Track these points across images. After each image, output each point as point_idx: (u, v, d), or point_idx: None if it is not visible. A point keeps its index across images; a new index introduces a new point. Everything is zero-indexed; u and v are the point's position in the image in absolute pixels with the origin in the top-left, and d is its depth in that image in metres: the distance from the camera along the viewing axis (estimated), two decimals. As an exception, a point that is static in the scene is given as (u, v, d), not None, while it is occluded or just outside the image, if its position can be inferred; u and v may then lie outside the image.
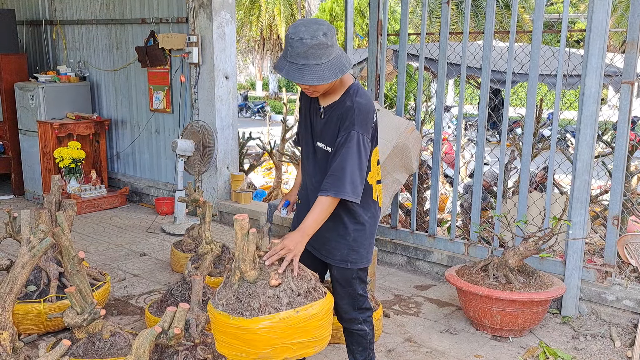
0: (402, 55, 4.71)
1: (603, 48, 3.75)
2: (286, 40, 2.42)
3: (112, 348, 3.01)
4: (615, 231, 3.92)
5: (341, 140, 2.48)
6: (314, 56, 2.36)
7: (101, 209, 6.80)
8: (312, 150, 2.69)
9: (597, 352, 3.58)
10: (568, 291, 3.95)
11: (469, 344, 3.69)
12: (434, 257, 4.75)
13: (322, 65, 2.38)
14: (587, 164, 3.87)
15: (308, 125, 2.71)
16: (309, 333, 2.37)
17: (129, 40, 6.90)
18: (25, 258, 2.70)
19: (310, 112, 2.70)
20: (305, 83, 2.39)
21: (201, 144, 5.85)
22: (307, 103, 2.73)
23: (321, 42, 2.35)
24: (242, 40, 23.94)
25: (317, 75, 2.38)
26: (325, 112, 2.59)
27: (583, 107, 3.83)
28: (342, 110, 2.52)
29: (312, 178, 2.71)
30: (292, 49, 2.37)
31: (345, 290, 2.75)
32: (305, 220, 2.49)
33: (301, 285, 2.41)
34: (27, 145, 7.09)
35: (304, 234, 2.48)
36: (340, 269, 2.71)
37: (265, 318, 2.29)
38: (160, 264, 5.06)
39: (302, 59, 2.36)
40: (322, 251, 2.73)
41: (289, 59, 2.40)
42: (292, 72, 2.39)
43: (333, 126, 2.55)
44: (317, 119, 2.65)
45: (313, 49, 2.34)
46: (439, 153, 4.65)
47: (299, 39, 2.34)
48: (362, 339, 2.87)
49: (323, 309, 2.41)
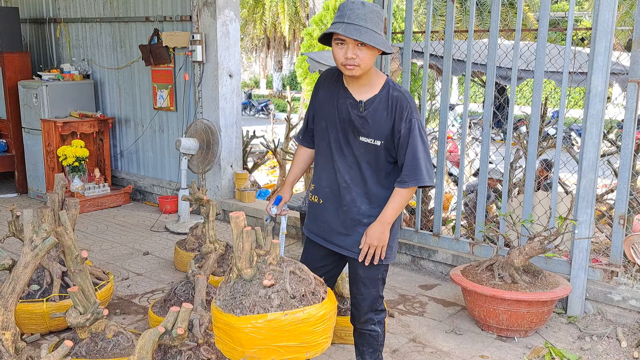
0: (406, 53, 4.68)
1: (609, 46, 3.72)
2: (342, 7, 2.44)
3: (115, 348, 2.99)
4: (622, 230, 3.88)
5: (404, 131, 2.51)
6: (372, 22, 2.40)
7: (105, 207, 6.79)
8: (346, 146, 2.63)
9: (604, 352, 3.55)
10: (574, 291, 3.92)
11: (474, 344, 3.66)
12: (439, 257, 4.72)
13: (376, 33, 2.41)
14: (593, 163, 3.84)
15: (339, 120, 2.62)
16: (298, 338, 2.31)
17: (133, 38, 6.89)
18: (27, 257, 2.69)
19: (339, 106, 2.62)
20: (363, 40, 2.37)
21: (205, 143, 5.84)
22: (331, 98, 2.65)
23: (379, 11, 2.43)
24: (246, 38, 23.94)
25: (373, 39, 2.40)
26: (367, 106, 2.56)
27: (589, 105, 3.80)
28: (391, 101, 2.53)
29: (345, 175, 2.64)
30: (351, 11, 2.40)
31: (369, 291, 2.75)
32: (385, 211, 2.57)
33: (298, 288, 2.36)
34: (30, 144, 7.09)
35: (384, 223, 2.57)
36: (370, 267, 2.68)
37: (253, 317, 2.27)
38: (163, 263, 5.05)
39: (361, 21, 2.39)
40: (355, 250, 2.68)
41: (347, 20, 2.40)
42: (350, 30, 2.38)
43: (382, 120, 2.54)
44: (354, 113, 2.58)
45: (373, 14, 2.40)
46: (443, 151, 4.62)
47: (360, 2, 2.41)
48: (373, 340, 2.87)
49: (316, 315, 2.33)
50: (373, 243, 2.58)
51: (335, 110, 2.63)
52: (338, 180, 2.67)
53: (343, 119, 2.61)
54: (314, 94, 2.77)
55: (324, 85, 2.72)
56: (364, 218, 2.65)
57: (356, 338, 2.92)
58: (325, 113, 2.68)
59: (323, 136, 2.71)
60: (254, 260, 2.38)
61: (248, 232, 2.35)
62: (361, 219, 2.66)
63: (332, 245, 2.74)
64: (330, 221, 2.73)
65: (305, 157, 2.92)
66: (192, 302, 3.28)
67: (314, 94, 2.77)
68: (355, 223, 2.67)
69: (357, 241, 2.67)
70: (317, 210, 2.78)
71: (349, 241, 2.70)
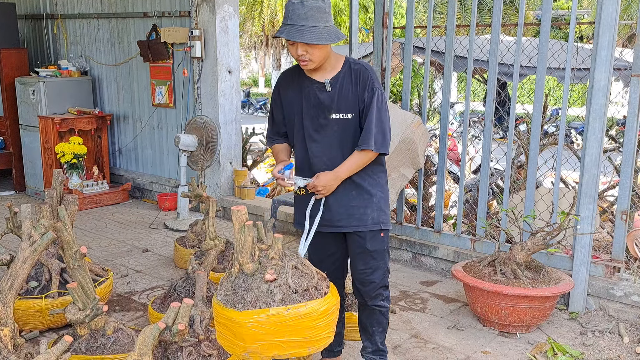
0: (407, 48, 4.65)
1: (613, 40, 3.69)
2: (286, 7, 2.55)
3: (115, 344, 2.97)
4: (624, 226, 3.86)
5: (368, 99, 2.65)
6: (313, 18, 2.48)
7: (103, 204, 6.75)
8: (320, 129, 2.72)
9: (606, 348, 3.53)
10: (576, 287, 3.90)
11: (476, 340, 3.64)
12: (440, 253, 4.69)
13: (321, 28, 2.51)
14: (596, 159, 3.81)
15: (309, 107, 2.72)
16: (301, 332, 2.29)
17: (131, 34, 6.85)
18: (26, 253, 2.66)
19: (306, 94, 2.72)
20: (304, 41, 2.48)
21: (204, 139, 5.80)
22: (298, 91, 2.75)
23: (320, 5, 2.51)
24: (245, 35, 23.88)
25: (317, 36, 2.49)
26: (333, 83, 2.67)
27: (592, 100, 3.77)
28: (354, 74, 2.66)
29: (324, 157, 2.74)
30: (292, 12, 2.50)
31: (378, 263, 2.85)
32: (340, 167, 2.69)
33: (300, 282, 2.33)
34: (28, 141, 7.04)
35: (336, 177, 2.69)
36: (375, 236, 2.81)
37: (255, 312, 2.24)
38: (163, 260, 5.02)
39: (302, 20, 2.48)
40: (353, 222, 2.78)
41: (289, 22, 2.52)
42: (292, 32, 2.50)
43: (349, 93, 2.66)
44: (323, 94, 2.69)
45: (312, 10, 2.48)
46: (444, 148, 4.59)
47: (300, 2, 2.49)
48: (383, 317, 2.96)
49: (319, 309, 2.30)
50: (318, 186, 2.69)
51: (302, 99, 2.74)
52: (318, 166, 2.75)
53: (312, 105, 2.71)
54: (276, 96, 2.85)
55: (284, 85, 2.82)
56: (354, 190, 2.78)
57: (365, 319, 2.97)
58: (295, 107, 2.77)
59: (298, 129, 2.80)
60: (255, 255, 2.36)
61: (249, 226, 2.33)
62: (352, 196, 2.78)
63: (334, 228, 2.82)
64: (318, 207, 2.80)
65: (283, 147, 2.92)
66: (192, 299, 3.26)
67: (275, 96, 2.85)
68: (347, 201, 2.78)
69: (351, 214, 2.77)
70: (303, 203, 2.85)
71: (343, 220, 2.79)
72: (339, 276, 3.01)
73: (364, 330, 3.02)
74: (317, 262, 2.86)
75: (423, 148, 4.48)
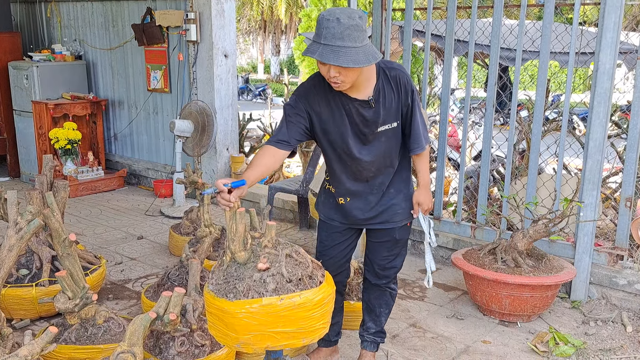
0: (407, 31, 4.54)
1: (619, 22, 3.58)
2: (319, 23, 2.30)
3: (106, 334, 2.90)
4: (628, 213, 3.78)
5: (410, 102, 2.60)
6: (350, 38, 2.26)
7: (98, 191, 6.66)
8: (367, 145, 2.62)
9: (608, 337, 3.46)
10: (578, 275, 3.82)
11: (476, 329, 3.57)
12: (440, 240, 4.60)
13: (357, 49, 2.28)
14: (600, 144, 3.72)
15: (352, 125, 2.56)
16: (294, 323, 2.21)
17: (125, 17, 6.71)
18: (12, 240, 2.57)
19: (347, 112, 2.53)
20: (340, 65, 2.27)
21: (200, 125, 5.70)
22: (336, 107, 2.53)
23: (357, 24, 2.27)
24: (243, 20, 23.65)
25: (352, 58, 2.27)
26: (376, 98, 2.53)
27: (597, 83, 3.67)
28: (393, 82, 2.55)
29: (372, 167, 2.66)
30: (326, 30, 2.27)
31: (401, 250, 2.89)
32: (424, 176, 2.78)
33: (295, 271, 2.24)
34: (22, 126, 6.94)
35: (427, 187, 2.81)
36: (406, 229, 2.85)
37: (247, 302, 2.15)
38: (158, 247, 4.94)
39: (338, 40, 2.26)
40: (397, 218, 2.78)
41: (323, 41, 2.28)
42: (327, 54, 2.27)
43: (392, 102, 2.56)
44: (367, 111, 2.54)
45: (350, 29, 2.25)
46: (445, 133, 4.50)
47: (336, 19, 2.25)
48: (391, 300, 2.99)
49: (313, 299, 2.22)
50: (429, 207, 2.81)
51: (345, 119, 2.56)
52: (364, 176, 2.69)
53: (356, 123, 2.57)
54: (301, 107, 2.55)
55: (314, 100, 2.55)
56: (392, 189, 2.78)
57: (374, 299, 2.97)
58: (332, 126, 2.57)
59: (335, 147, 2.63)
60: (248, 243, 2.27)
61: (241, 214, 2.24)
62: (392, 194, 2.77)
63: (370, 225, 2.82)
64: (363, 210, 2.77)
65: (273, 159, 2.57)
66: (186, 287, 3.18)
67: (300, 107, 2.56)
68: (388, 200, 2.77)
69: (394, 212, 2.77)
70: (344, 207, 2.79)
71: (385, 216, 2.77)
72: (346, 265, 2.96)
73: (370, 311, 3.00)
74: (329, 247, 2.84)
75: (423, 133, 4.37)
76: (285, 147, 2.57)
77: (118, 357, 2.31)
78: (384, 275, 2.91)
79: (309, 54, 2.31)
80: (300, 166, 8.17)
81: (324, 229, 2.87)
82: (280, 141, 2.56)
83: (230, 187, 2.29)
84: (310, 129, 2.60)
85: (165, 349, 2.72)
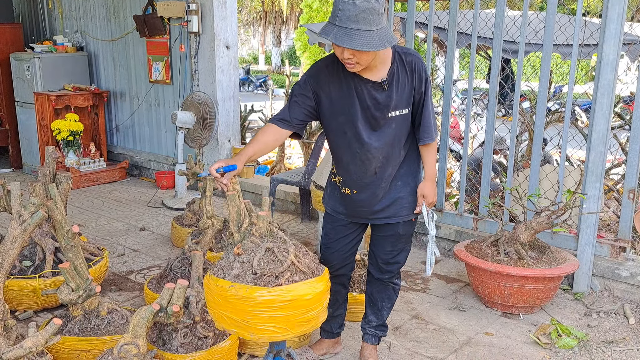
0: (410, 22, 4.51)
1: (622, 13, 3.56)
2: (335, 4, 2.28)
3: (110, 325, 2.90)
4: (631, 205, 3.77)
5: (423, 92, 2.56)
6: (365, 21, 2.23)
7: (100, 182, 6.67)
8: (376, 130, 2.57)
9: (611, 329, 3.47)
10: (580, 267, 3.83)
11: (479, 321, 3.58)
12: (441, 232, 4.61)
13: (371, 32, 2.26)
14: (603, 135, 3.71)
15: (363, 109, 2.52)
16: (239, 314, 2.26)
17: (127, 8, 6.69)
18: (15, 232, 2.57)
19: (359, 95, 2.51)
20: (354, 48, 2.25)
21: (202, 116, 5.69)
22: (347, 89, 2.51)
23: (373, 6, 2.24)
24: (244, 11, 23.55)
25: (367, 42, 2.25)
26: (389, 81, 2.50)
27: (600, 75, 3.66)
28: (408, 67, 2.52)
29: (380, 155, 2.60)
30: (342, 12, 2.24)
31: (405, 245, 2.86)
32: (431, 169, 2.71)
33: (264, 266, 2.26)
34: (24, 118, 6.93)
35: (433, 180, 2.74)
36: (410, 223, 2.81)
37: (214, 279, 2.30)
38: (160, 239, 4.95)
39: (352, 23, 2.23)
40: (403, 212, 2.75)
41: (338, 22, 2.26)
42: (341, 36, 2.25)
43: (406, 87, 2.53)
44: (379, 94, 2.50)
45: (365, 12, 2.22)
46: (447, 125, 4.49)
47: (352, 1, 2.22)
48: (394, 294, 2.97)
49: (258, 297, 2.20)
50: (433, 200, 2.76)
51: (355, 100, 2.52)
52: (372, 165, 2.63)
53: (367, 106, 2.52)
54: (309, 88, 2.56)
55: (324, 80, 2.54)
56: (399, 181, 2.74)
57: (376, 293, 2.96)
58: (341, 107, 2.55)
59: (344, 130, 2.59)
60: (242, 226, 2.32)
61: (231, 197, 2.35)
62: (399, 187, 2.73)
63: (375, 220, 2.78)
64: (369, 204, 2.73)
65: (273, 137, 2.59)
66: (188, 279, 3.19)
67: (308, 88, 2.56)
68: (395, 193, 2.73)
69: (400, 206, 2.74)
70: (351, 200, 2.75)
71: (392, 210, 2.75)
72: (352, 258, 2.95)
73: (372, 305, 2.99)
74: (333, 240, 2.84)
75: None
76: (286, 126, 2.59)
77: (122, 349, 2.32)
78: (387, 270, 2.89)
79: (324, 35, 2.29)
80: (301, 158, 8.16)
81: (329, 222, 2.86)
82: (282, 120, 2.59)
83: (222, 172, 2.43)
84: (316, 110, 2.60)
85: (169, 340, 2.73)
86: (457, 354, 3.20)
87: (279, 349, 2.63)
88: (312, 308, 2.32)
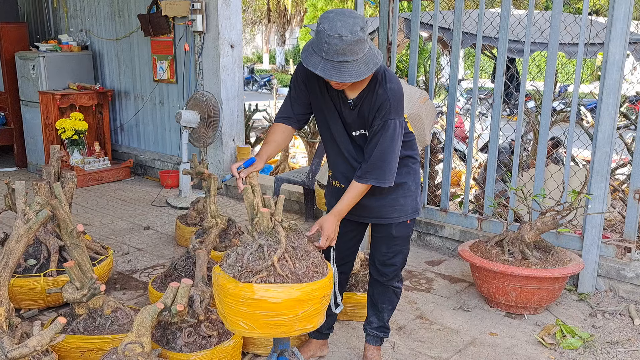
0: (415, 22, 4.50)
1: (629, 12, 3.54)
2: (319, 36, 2.25)
3: (114, 324, 2.90)
4: (637, 205, 3.76)
5: (377, 128, 2.46)
6: (352, 52, 2.24)
7: (105, 181, 6.68)
8: (347, 138, 2.62)
9: (616, 330, 3.45)
10: (585, 267, 3.81)
11: (483, 321, 3.57)
12: (446, 232, 4.60)
13: (358, 60, 2.27)
14: (609, 135, 3.69)
15: (339, 112, 2.57)
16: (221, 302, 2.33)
17: (132, 7, 6.70)
18: (20, 231, 2.58)
19: (335, 101, 2.55)
20: (344, 81, 2.28)
21: (206, 116, 5.69)
22: (323, 92, 2.56)
23: (359, 37, 2.23)
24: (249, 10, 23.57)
25: (355, 72, 2.27)
26: (356, 103, 2.51)
27: (606, 75, 3.64)
28: (375, 99, 2.46)
29: (357, 156, 2.63)
30: (328, 46, 2.23)
31: (401, 248, 2.83)
32: (340, 204, 2.56)
33: (251, 262, 2.27)
34: (29, 117, 6.95)
35: (339, 217, 2.57)
36: (403, 226, 2.77)
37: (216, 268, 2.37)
38: (164, 238, 4.95)
39: (339, 56, 2.24)
40: (394, 214, 2.73)
41: (325, 56, 2.25)
42: (329, 70, 2.26)
43: (366, 114, 2.51)
44: (346, 110, 2.54)
45: (352, 45, 2.22)
46: (452, 124, 4.47)
47: (337, 35, 2.20)
48: (395, 296, 2.95)
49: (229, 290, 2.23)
50: (330, 236, 2.55)
51: (331, 103, 2.57)
52: (352, 163, 2.65)
53: (341, 111, 2.58)
54: (301, 83, 2.61)
55: (312, 79, 2.56)
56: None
57: (377, 295, 2.94)
58: (323, 105, 2.60)
59: (326, 127, 2.66)
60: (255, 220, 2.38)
61: (245, 189, 2.37)
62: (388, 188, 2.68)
63: (365, 219, 2.79)
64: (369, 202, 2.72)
65: (283, 135, 2.68)
66: (192, 278, 3.19)
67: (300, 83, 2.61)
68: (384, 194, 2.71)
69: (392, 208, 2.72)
70: (341, 193, 2.71)
71: (381, 211, 2.73)
72: (351, 257, 2.95)
73: (373, 306, 2.97)
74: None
75: (430, 124, 4.36)
76: (291, 123, 2.67)
77: (126, 348, 2.33)
78: (384, 272, 2.86)
79: (311, 68, 2.28)
80: (305, 157, 8.16)
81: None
82: (285, 117, 2.67)
83: (243, 169, 2.49)
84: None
85: (173, 339, 2.73)
86: (461, 354, 3.19)
87: (283, 349, 2.63)
88: (282, 313, 2.24)
